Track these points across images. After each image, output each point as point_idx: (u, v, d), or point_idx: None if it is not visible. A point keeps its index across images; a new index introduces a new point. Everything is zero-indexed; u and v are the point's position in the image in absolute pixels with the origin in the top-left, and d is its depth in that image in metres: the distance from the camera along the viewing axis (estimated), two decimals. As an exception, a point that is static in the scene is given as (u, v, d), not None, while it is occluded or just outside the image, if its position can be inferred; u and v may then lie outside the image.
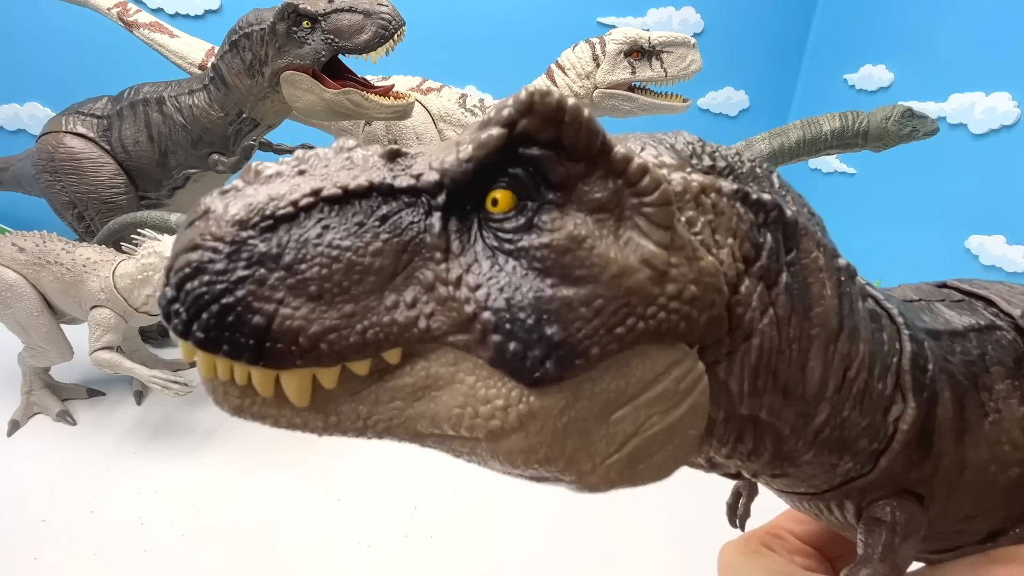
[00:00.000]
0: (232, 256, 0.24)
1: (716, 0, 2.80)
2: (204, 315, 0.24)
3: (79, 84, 2.29)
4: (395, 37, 1.66)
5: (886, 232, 2.55)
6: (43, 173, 1.95)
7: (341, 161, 0.28)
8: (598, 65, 1.96)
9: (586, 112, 0.26)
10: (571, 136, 0.26)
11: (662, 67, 1.95)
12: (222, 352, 0.25)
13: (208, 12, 2.52)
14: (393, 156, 0.28)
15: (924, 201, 2.39)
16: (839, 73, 2.75)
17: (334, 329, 0.25)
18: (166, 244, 1.47)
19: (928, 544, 0.39)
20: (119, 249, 1.64)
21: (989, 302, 0.39)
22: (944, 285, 0.43)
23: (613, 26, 2.43)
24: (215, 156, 1.91)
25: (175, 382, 1.52)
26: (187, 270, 0.24)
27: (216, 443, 1.66)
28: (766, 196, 0.30)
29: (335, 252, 0.25)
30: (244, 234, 0.25)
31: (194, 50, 2.08)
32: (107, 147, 1.94)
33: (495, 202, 0.27)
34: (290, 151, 2.09)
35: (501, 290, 0.26)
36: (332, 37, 1.65)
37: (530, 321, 0.25)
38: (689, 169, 0.29)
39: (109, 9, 2.07)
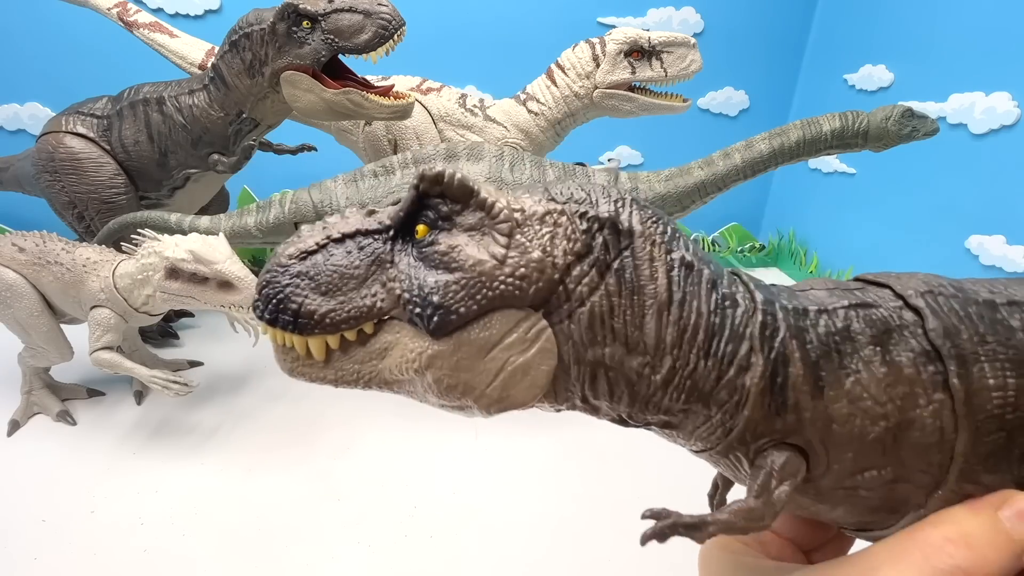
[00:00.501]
0: (284, 273, 0.42)
1: (716, 0, 2.80)
2: (270, 305, 0.41)
3: (79, 84, 2.29)
4: (395, 37, 1.66)
5: (886, 232, 2.55)
6: (43, 173, 1.95)
7: (343, 219, 0.45)
8: (598, 65, 1.96)
9: (458, 175, 0.41)
10: (449, 190, 0.42)
11: (662, 67, 1.95)
12: (278, 325, 0.41)
13: (208, 12, 2.52)
14: (371, 212, 0.44)
15: (924, 201, 2.38)
16: (839, 73, 2.75)
17: (333, 311, 0.41)
18: (166, 244, 1.47)
19: (844, 511, 0.45)
20: (119, 249, 1.64)
21: (886, 287, 0.47)
22: (857, 279, 0.50)
23: (613, 26, 2.43)
24: (215, 156, 1.91)
25: (175, 382, 1.52)
26: (264, 281, 0.42)
27: (216, 443, 1.66)
28: (603, 213, 0.42)
29: (335, 268, 0.42)
30: (291, 261, 0.42)
31: (194, 50, 2.08)
32: (107, 147, 1.94)
33: (416, 232, 0.42)
34: (291, 151, 2.10)
35: (412, 280, 0.41)
36: (332, 37, 1.65)
37: (424, 294, 0.40)
38: (545, 201, 0.42)
39: (109, 9, 2.07)
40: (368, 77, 1.86)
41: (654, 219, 0.43)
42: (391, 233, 0.43)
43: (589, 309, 0.41)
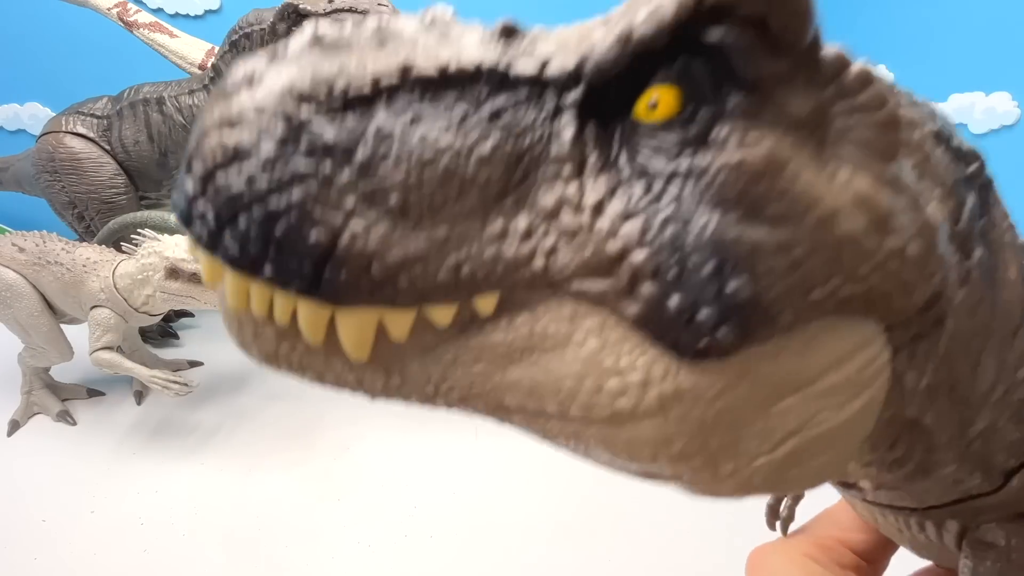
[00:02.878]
0: (288, 141, 0.18)
1: (716, 0, 2.80)
2: (242, 220, 0.18)
3: (79, 84, 2.29)
4: (395, 37, 1.66)
5: (886, 232, 2.56)
6: (43, 173, 1.95)
7: (435, 37, 0.20)
8: (598, 65, 1.96)
9: None
10: (783, 17, 0.18)
11: (662, 67, 1.95)
12: (263, 275, 0.18)
13: (208, 12, 2.52)
14: (509, 33, 0.21)
15: (924, 201, 2.39)
16: (839, 73, 2.75)
17: (420, 258, 0.19)
18: (166, 244, 1.47)
19: None
20: (119, 249, 1.64)
21: None
22: None
23: (613, 26, 2.41)
24: (215, 156, 1.91)
25: (175, 382, 1.52)
26: (220, 156, 0.18)
27: (216, 443, 1.66)
28: (966, 144, 0.24)
29: (429, 153, 0.18)
30: (306, 113, 0.18)
31: (194, 50, 2.08)
32: (107, 147, 1.94)
33: (653, 105, 0.19)
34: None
35: (665, 222, 0.19)
36: (332, 37, 1.65)
37: (707, 267, 0.18)
38: (899, 96, 0.22)
39: (109, 9, 2.07)
40: (368, 77, 1.85)
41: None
42: (577, 94, 0.20)
43: (950, 330, 0.23)
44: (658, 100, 0.19)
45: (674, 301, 0.19)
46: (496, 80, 0.20)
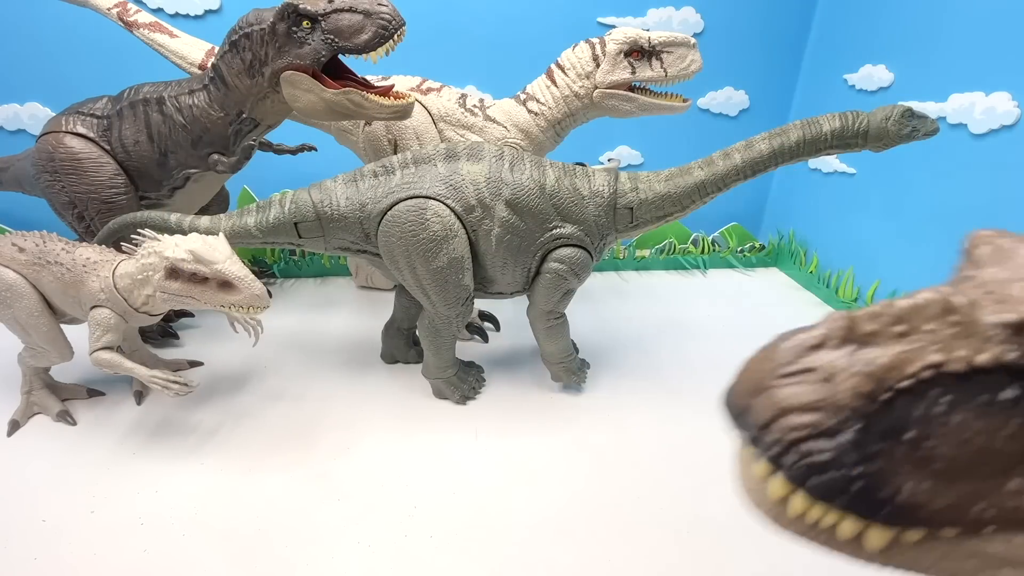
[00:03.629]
0: (862, 433, 0.26)
1: (716, 0, 2.80)
2: (824, 477, 0.26)
3: (79, 84, 2.29)
4: (395, 37, 1.66)
5: (886, 232, 2.55)
6: (43, 173, 1.95)
7: (948, 327, 0.26)
8: (598, 65, 1.96)
9: None
10: None
11: (662, 67, 1.95)
12: (834, 505, 0.27)
13: (208, 12, 2.52)
14: (1020, 329, 0.26)
15: (924, 201, 2.38)
16: (839, 73, 2.75)
17: (952, 507, 0.25)
18: (166, 244, 1.47)
19: None
20: (119, 249, 1.64)
21: None
22: None
23: (613, 26, 2.43)
24: (215, 156, 1.91)
25: (175, 382, 1.52)
26: (802, 432, 0.26)
27: (216, 443, 1.66)
28: None
29: (964, 434, 0.25)
30: (870, 408, 0.26)
31: (194, 50, 2.08)
32: (107, 147, 1.94)
33: None
34: (290, 151, 2.10)
35: None
36: (332, 37, 1.65)
37: None
38: None
39: (109, 9, 2.07)
40: (368, 77, 1.86)
41: None
42: None
43: None
44: None
45: None
46: (1012, 372, 0.25)
